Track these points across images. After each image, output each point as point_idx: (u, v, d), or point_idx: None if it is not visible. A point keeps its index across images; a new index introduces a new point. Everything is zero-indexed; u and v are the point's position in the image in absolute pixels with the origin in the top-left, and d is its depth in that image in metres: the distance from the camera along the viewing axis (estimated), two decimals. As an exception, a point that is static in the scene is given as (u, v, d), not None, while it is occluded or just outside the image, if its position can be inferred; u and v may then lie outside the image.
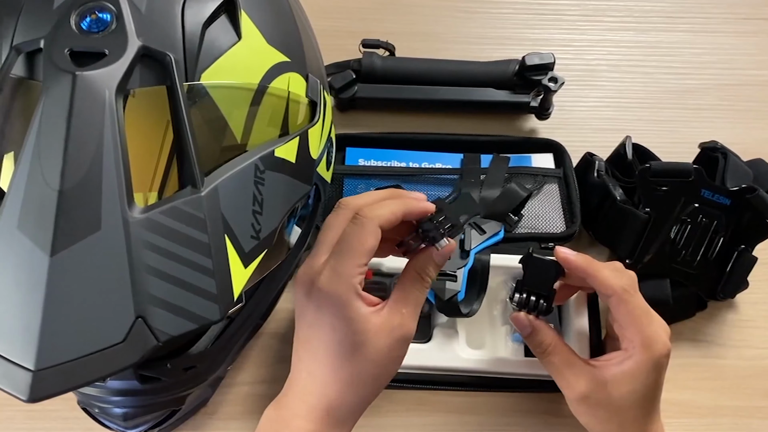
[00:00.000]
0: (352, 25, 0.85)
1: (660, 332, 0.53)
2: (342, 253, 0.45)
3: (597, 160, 0.71)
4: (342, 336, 0.45)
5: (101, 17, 0.41)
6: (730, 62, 0.86)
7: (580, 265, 0.55)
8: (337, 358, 0.45)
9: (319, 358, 0.45)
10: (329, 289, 0.44)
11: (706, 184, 0.66)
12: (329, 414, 0.45)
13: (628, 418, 0.53)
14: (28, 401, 0.36)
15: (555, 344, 0.55)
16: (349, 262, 0.45)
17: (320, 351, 0.45)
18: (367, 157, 0.75)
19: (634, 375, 0.52)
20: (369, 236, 0.45)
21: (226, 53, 0.45)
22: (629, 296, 0.53)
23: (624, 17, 0.89)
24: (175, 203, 0.40)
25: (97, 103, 0.39)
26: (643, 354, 0.52)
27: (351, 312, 0.44)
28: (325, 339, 0.45)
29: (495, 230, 0.66)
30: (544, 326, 0.56)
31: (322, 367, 0.45)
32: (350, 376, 0.45)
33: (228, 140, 0.45)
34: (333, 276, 0.44)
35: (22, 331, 0.36)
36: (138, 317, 0.38)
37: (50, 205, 0.37)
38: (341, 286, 0.44)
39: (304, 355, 0.47)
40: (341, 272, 0.44)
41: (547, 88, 0.74)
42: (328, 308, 0.45)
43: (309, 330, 0.46)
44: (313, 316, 0.46)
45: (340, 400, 0.45)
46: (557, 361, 0.55)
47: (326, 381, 0.45)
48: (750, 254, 0.67)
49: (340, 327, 0.44)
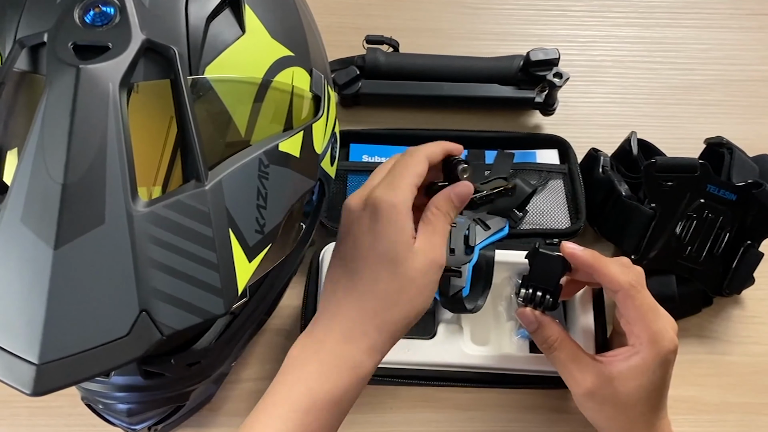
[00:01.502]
0: (356, 21, 0.85)
1: (667, 328, 0.53)
2: (395, 173, 0.49)
3: (602, 155, 0.71)
4: (389, 246, 0.46)
5: (105, 11, 0.41)
6: (736, 58, 0.86)
7: (587, 260, 0.54)
8: (381, 270, 0.46)
9: (365, 271, 0.47)
10: (384, 199, 0.47)
11: (711, 179, 0.65)
12: (365, 334, 0.46)
13: (634, 414, 0.53)
14: (32, 395, 0.36)
15: (561, 340, 0.55)
16: (402, 180, 0.48)
17: (369, 263, 0.47)
18: (371, 153, 0.75)
19: (641, 371, 0.52)
20: (418, 163, 0.49)
21: (230, 47, 0.45)
22: (636, 292, 0.53)
23: (629, 12, 0.88)
24: (180, 197, 0.40)
25: (100, 96, 0.38)
26: (651, 350, 0.52)
27: (401, 222, 0.47)
28: (375, 246, 0.47)
29: (500, 226, 0.66)
30: (551, 321, 0.56)
31: (367, 277, 0.47)
32: (389, 292, 0.46)
33: (232, 134, 0.45)
34: (389, 188, 0.47)
35: (25, 324, 0.36)
36: (142, 311, 0.38)
37: (54, 198, 0.37)
38: (397, 196, 0.47)
39: (348, 274, 0.48)
40: (396, 186, 0.47)
41: (552, 84, 0.74)
42: (383, 216, 0.47)
43: (355, 242, 0.48)
44: (366, 225, 0.47)
45: (374, 320, 0.46)
46: (563, 357, 0.55)
47: (367, 291, 0.47)
48: (756, 250, 0.66)
49: (390, 235, 0.46)
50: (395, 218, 0.46)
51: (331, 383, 0.45)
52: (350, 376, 0.45)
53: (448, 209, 0.50)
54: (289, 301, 0.66)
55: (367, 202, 0.48)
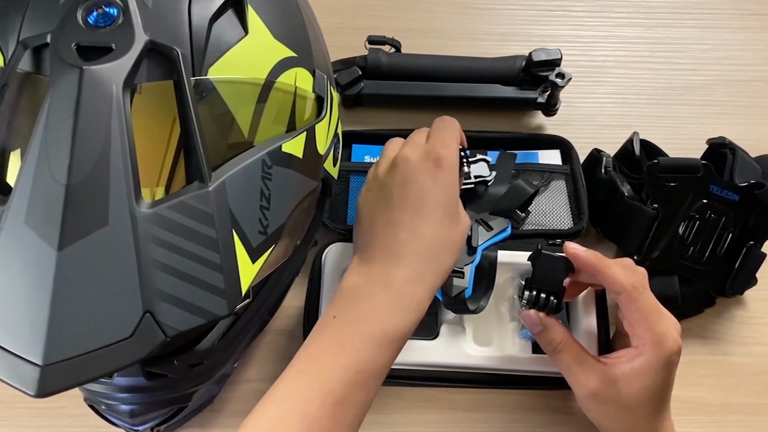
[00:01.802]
0: (358, 22, 0.85)
1: (671, 329, 0.52)
2: (445, 135, 0.54)
3: (604, 156, 0.71)
4: (452, 198, 0.51)
5: (108, 11, 0.41)
6: (738, 58, 0.86)
7: (590, 261, 0.54)
8: (443, 218, 0.50)
9: (428, 215, 0.50)
10: (446, 154, 0.51)
11: (714, 179, 0.65)
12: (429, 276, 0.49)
13: (638, 415, 0.53)
14: (36, 396, 0.36)
15: (566, 341, 0.55)
16: (453, 141, 0.53)
17: (431, 209, 0.50)
18: (373, 154, 0.75)
19: (645, 372, 0.52)
20: (459, 130, 0.55)
21: (233, 48, 0.45)
22: (639, 294, 0.53)
23: (631, 13, 0.88)
24: (183, 198, 0.40)
25: (104, 97, 0.38)
26: (654, 351, 0.52)
27: (458, 179, 0.51)
28: (438, 199, 0.50)
29: (502, 227, 0.66)
30: (555, 323, 0.56)
31: (429, 226, 0.50)
32: (448, 240, 0.50)
33: (235, 135, 0.45)
34: (445, 146, 0.52)
35: (29, 326, 0.36)
36: (146, 312, 0.38)
37: (58, 199, 0.37)
38: (453, 154, 0.52)
39: (408, 217, 0.50)
40: (450, 145, 0.52)
41: (554, 84, 0.74)
42: (444, 171, 0.51)
43: (422, 188, 0.50)
44: (431, 175, 0.51)
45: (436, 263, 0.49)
46: (568, 359, 0.55)
47: (431, 239, 0.49)
48: (759, 250, 0.66)
49: (453, 189, 0.51)
50: (455, 174, 0.51)
51: (402, 319, 0.47)
52: (417, 314, 0.48)
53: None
54: (292, 301, 0.66)
55: (430, 155, 0.51)
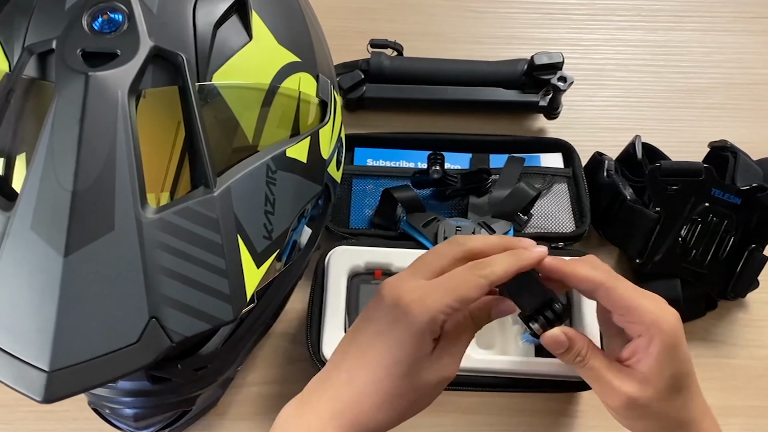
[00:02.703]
0: (361, 25, 0.85)
1: (658, 303, 0.48)
2: (442, 288, 0.44)
3: (606, 159, 0.71)
4: (405, 357, 0.43)
5: (113, 18, 0.41)
6: (739, 61, 0.86)
7: (555, 266, 0.49)
8: (388, 374, 0.44)
9: (370, 366, 0.44)
10: (412, 312, 0.43)
11: (716, 183, 0.65)
12: (353, 426, 0.44)
13: (680, 407, 0.47)
14: (43, 402, 0.36)
15: (590, 349, 0.49)
16: (443, 300, 0.43)
17: (375, 361, 0.44)
18: (375, 157, 0.75)
19: (667, 357, 0.46)
20: (475, 290, 0.44)
21: (238, 53, 0.45)
22: (615, 282, 0.48)
23: (632, 16, 0.88)
24: (188, 203, 0.40)
25: (109, 103, 0.39)
26: (661, 330, 0.46)
27: (420, 343, 0.43)
28: (385, 354, 0.44)
29: (504, 230, 0.66)
30: (576, 333, 0.49)
31: (368, 377, 0.44)
32: (392, 395, 0.44)
33: (239, 140, 0.45)
34: (422, 304, 0.43)
35: (36, 332, 0.37)
36: (152, 318, 0.38)
37: (64, 205, 0.37)
38: (424, 316, 0.43)
39: (354, 358, 0.45)
40: (429, 305, 0.43)
41: (557, 88, 0.74)
42: (402, 329, 0.43)
43: (374, 337, 0.45)
44: (385, 326, 0.44)
45: (370, 414, 0.44)
46: (598, 365, 0.48)
47: (366, 391, 0.44)
48: (761, 253, 0.66)
49: (404, 351, 0.43)
50: (416, 338, 0.43)
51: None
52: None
53: (481, 321, 0.48)
54: (295, 305, 0.66)
55: (398, 306, 0.44)
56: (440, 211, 0.70)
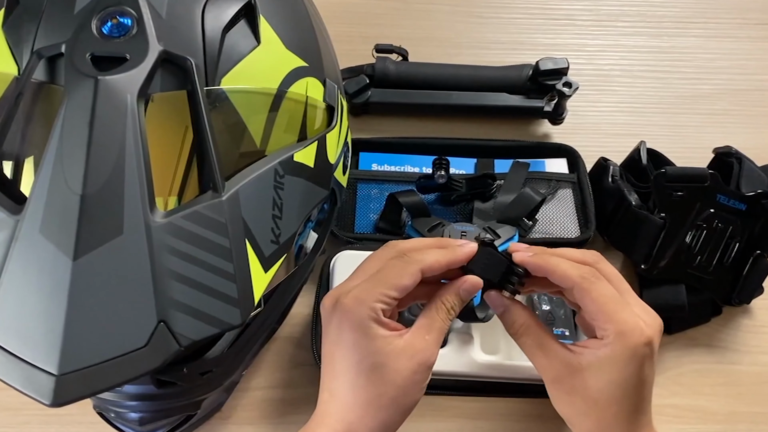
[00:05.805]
0: (366, 30, 0.85)
1: (634, 319, 0.47)
2: (374, 280, 0.46)
3: (611, 165, 0.71)
4: (361, 356, 0.44)
5: (122, 22, 0.41)
6: (743, 67, 0.86)
7: (538, 264, 0.50)
8: (357, 378, 0.44)
9: (339, 376, 0.45)
10: (349, 308, 0.45)
11: (721, 189, 0.65)
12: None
13: (607, 415, 0.48)
14: (51, 405, 0.36)
15: (528, 325, 0.51)
16: (376, 289, 0.45)
17: (341, 369, 0.45)
18: (380, 161, 0.75)
19: (610, 364, 0.47)
20: (406, 275, 0.46)
21: (246, 58, 0.45)
22: (590, 284, 0.48)
23: (637, 22, 0.89)
24: (197, 208, 0.40)
25: (119, 107, 0.39)
26: (618, 342, 0.47)
27: (370, 333, 0.44)
28: (346, 357, 0.45)
29: (509, 235, 0.66)
30: (517, 305, 0.51)
31: (342, 387, 0.45)
32: (369, 398, 0.44)
33: (247, 145, 0.46)
34: (356, 298, 0.45)
35: (45, 335, 0.37)
36: (160, 322, 0.38)
37: (73, 209, 0.37)
38: (361, 308, 0.44)
39: (327, 373, 0.46)
40: (364, 297, 0.45)
41: (561, 93, 0.74)
42: (348, 327, 0.45)
43: (331, 347, 0.46)
44: (335, 334, 0.45)
45: (358, 423, 0.45)
46: (530, 343, 0.50)
47: (347, 402, 0.45)
48: (765, 260, 0.66)
49: (360, 346, 0.44)
50: (360, 332, 0.44)
51: None
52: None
53: (453, 304, 0.48)
54: (300, 309, 0.66)
55: (335, 310, 0.45)
56: (445, 216, 0.70)
